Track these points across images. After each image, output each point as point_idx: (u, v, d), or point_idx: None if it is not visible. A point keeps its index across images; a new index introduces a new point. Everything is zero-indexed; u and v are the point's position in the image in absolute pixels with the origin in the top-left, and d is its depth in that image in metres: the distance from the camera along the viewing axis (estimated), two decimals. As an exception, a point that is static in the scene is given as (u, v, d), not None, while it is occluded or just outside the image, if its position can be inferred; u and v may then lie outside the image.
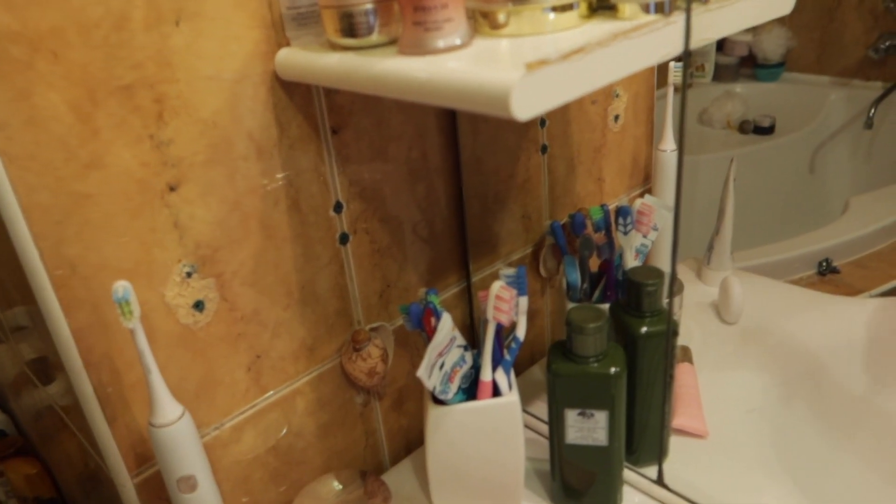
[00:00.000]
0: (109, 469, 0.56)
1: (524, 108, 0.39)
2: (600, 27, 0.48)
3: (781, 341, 0.88)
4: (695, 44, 0.49)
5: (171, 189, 0.53)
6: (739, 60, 2.57)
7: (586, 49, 0.42)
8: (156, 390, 0.50)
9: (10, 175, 0.45)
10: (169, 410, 0.50)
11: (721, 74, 2.55)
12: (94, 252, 0.50)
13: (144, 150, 0.50)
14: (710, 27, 0.52)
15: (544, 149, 0.82)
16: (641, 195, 1.01)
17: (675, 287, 0.64)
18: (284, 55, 0.55)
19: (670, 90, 0.89)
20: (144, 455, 0.56)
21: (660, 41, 0.47)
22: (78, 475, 0.82)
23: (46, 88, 0.45)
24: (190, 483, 0.52)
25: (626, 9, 0.49)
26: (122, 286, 0.46)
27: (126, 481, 0.56)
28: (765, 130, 2.27)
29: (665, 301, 0.65)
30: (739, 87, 2.51)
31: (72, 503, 0.97)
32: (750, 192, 0.96)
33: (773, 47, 2.47)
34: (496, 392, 0.63)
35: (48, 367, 0.65)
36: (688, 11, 0.48)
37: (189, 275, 0.55)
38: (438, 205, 0.73)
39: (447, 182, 0.73)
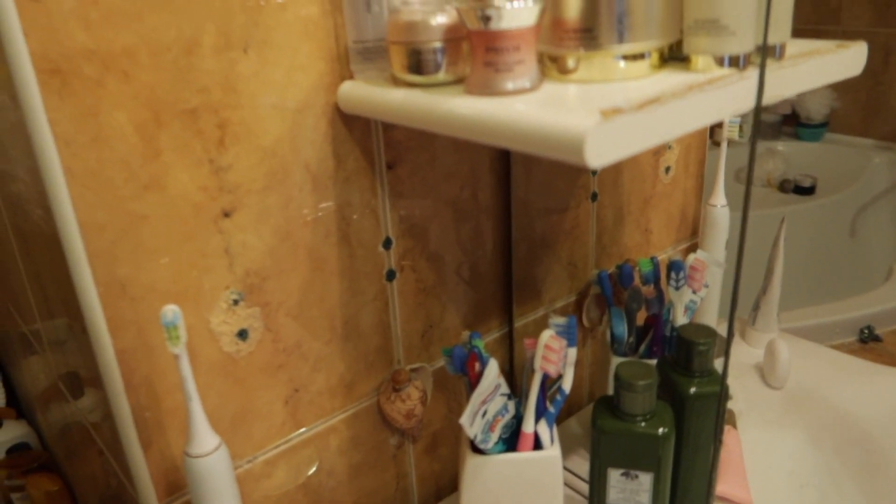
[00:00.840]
0: (138, 495, 0.54)
1: (597, 156, 0.38)
2: (671, 78, 0.47)
3: (829, 410, 0.84)
4: (767, 100, 0.48)
5: (226, 215, 0.52)
6: (782, 118, 2.55)
7: (661, 100, 0.41)
8: (195, 419, 0.49)
9: (71, 192, 0.45)
10: (206, 440, 0.49)
11: (762, 132, 2.53)
12: (145, 273, 0.49)
13: (203, 174, 0.50)
14: (783, 84, 0.51)
15: (594, 196, 0.81)
16: (688, 249, 0.99)
17: (727, 348, 0.62)
18: (348, 88, 0.55)
19: (724, 145, 0.87)
20: (176, 484, 0.55)
21: (733, 96, 0.46)
22: (100, 496, 0.81)
23: (114, 107, 0.45)
24: (220, 517, 0.51)
25: (700, 61, 0.48)
26: (171, 310, 0.45)
27: (154, 510, 0.55)
28: (805, 190, 2.24)
29: (717, 362, 0.63)
30: (781, 146, 2.49)
31: (90, 524, 0.95)
32: (788, 253, 0.94)
33: (816, 107, 2.45)
34: (537, 444, 0.60)
35: (81, 382, 0.64)
36: (762, 67, 0.47)
37: (236, 302, 0.54)
38: (484, 246, 0.71)
39: (495, 224, 0.72)
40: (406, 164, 0.62)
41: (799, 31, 0.53)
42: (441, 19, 0.48)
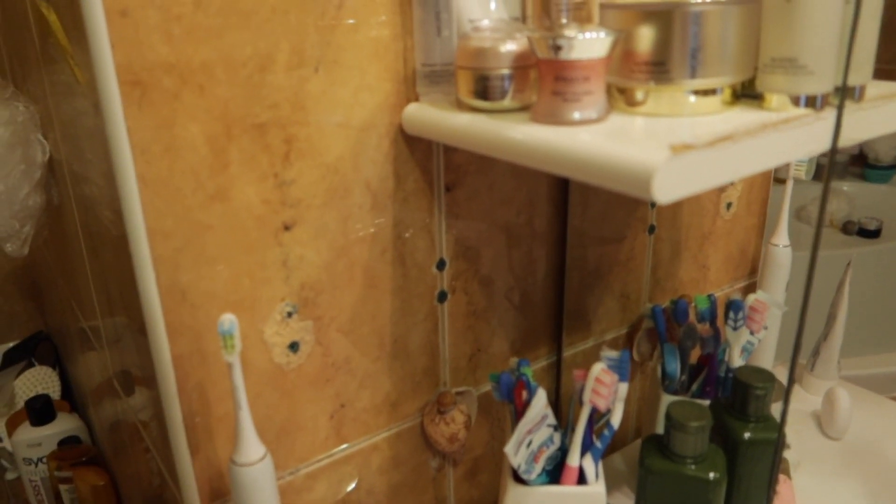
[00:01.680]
0: (183, 499, 0.55)
1: (666, 192, 0.38)
2: (743, 116, 0.46)
3: (890, 465, 0.80)
4: (843, 143, 0.46)
5: (286, 228, 0.53)
6: (849, 158, 2.47)
7: (734, 137, 0.41)
8: (243, 427, 0.49)
9: (142, 198, 0.46)
10: (253, 450, 0.49)
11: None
12: (206, 281, 0.50)
13: (267, 187, 0.51)
14: (861, 127, 0.50)
15: (651, 229, 0.80)
16: (746, 289, 0.96)
17: (787, 395, 0.60)
18: (413, 109, 0.55)
19: (789, 183, 0.85)
20: (220, 490, 0.56)
21: (808, 136, 0.45)
22: (143, 494, 0.83)
23: (188, 120, 0.47)
24: (261, 528, 0.51)
25: (774, 99, 0.47)
26: (228, 319, 0.46)
27: (197, 514, 0.55)
28: (870, 234, 2.16)
29: (775, 407, 0.61)
30: (847, 186, 2.41)
31: (132, 521, 0.97)
32: (851, 297, 0.90)
33: (886, 149, 2.36)
34: (581, 479, 0.59)
35: (134, 381, 0.66)
36: (840, 109, 0.45)
37: (290, 315, 0.55)
38: (536, 273, 0.71)
39: (548, 251, 0.71)
40: (464, 187, 0.62)
41: (882, 72, 0.52)
42: (510, 46, 0.48)
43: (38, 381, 1.21)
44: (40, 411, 1.05)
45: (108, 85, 0.43)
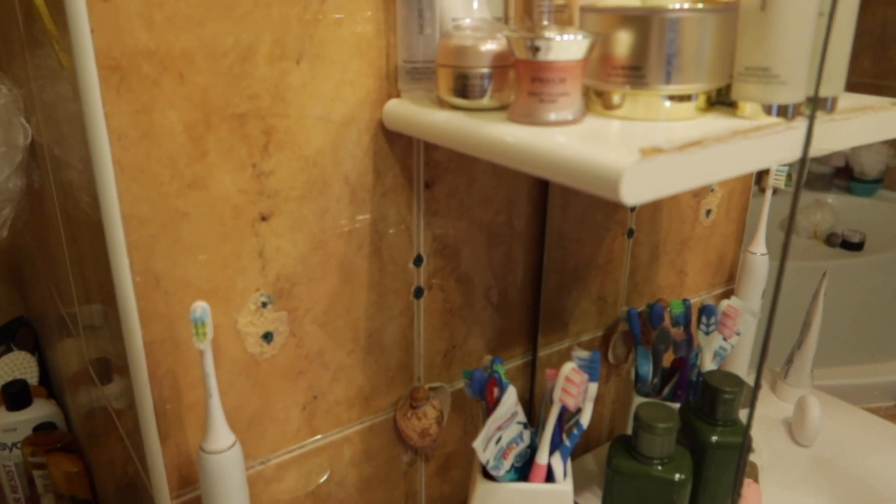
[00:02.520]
0: (152, 486, 0.55)
1: (633, 194, 0.38)
2: (716, 122, 0.47)
3: (857, 474, 0.82)
4: (814, 152, 0.47)
5: (263, 219, 0.53)
6: (834, 171, 2.49)
7: (704, 143, 0.41)
8: (213, 415, 0.49)
9: (118, 183, 0.46)
10: (222, 438, 0.50)
11: (813, 183, 2.48)
12: (180, 269, 0.51)
13: (245, 177, 0.52)
14: (832, 137, 0.50)
15: (630, 233, 0.81)
16: (723, 295, 0.97)
17: (753, 398, 0.60)
18: (394, 105, 0.55)
19: (769, 192, 0.86)
20: (189, 478, 0.56)
21: (779, 145, 0.46)
22: (116, 481, 0.82)
23: (167, 107, 0.47)
24: (228, 516, 0.51)
25: (747, 107, 0.47)
26: (200, 306, 0.46)
27: (165, 500, 0.55)
28: (854, 246, 2.18)
29: (743, 413, 0.62)
30: (831, 198, 2.43)
31: (104, 509, 0.97)
32: (830, 308, 0.92)
33: (871, 163, 2.39)
34: (549, 477, 0.60)
35: (109, 369, 0.66)
36: (811, 119, 0.46)
37: (264, 305, 0.55)
38: (514, 273, 0.71)
39: (527, 251, 0.72)
40: (444, 184, 0.62)
41: (856, 86, 0.52)
42: (490, 46, 0.49)
43: (17, 366, 1.21)
44: (17, 396, 1.05)
45: (87, 69, 0.43)
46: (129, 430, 0.61)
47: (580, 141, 0.42)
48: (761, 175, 0.94)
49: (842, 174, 2.47)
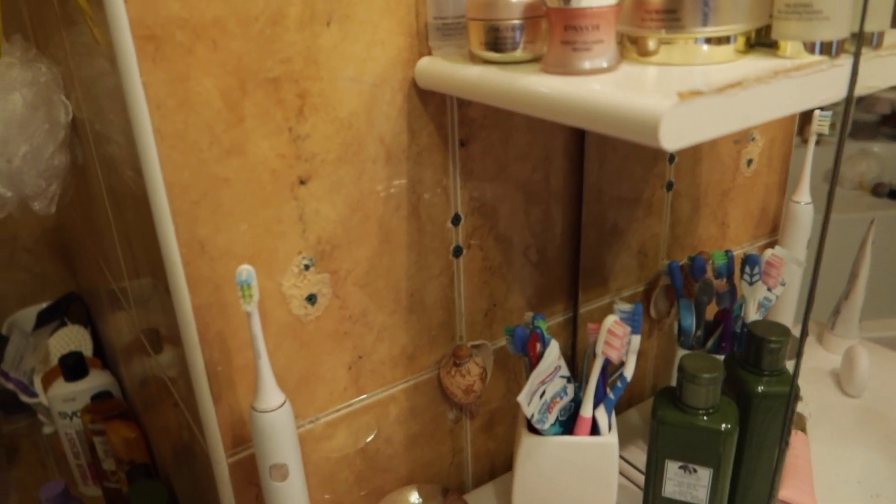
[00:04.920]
0: (207, 445, 0.57)
1: (673, 139, 0.37)
2: (757, 63, 0.45)
3: (909, 424, 0.80)
4: (860, 90, 0.45)
5: (302, 182, 0.54)
6: (880, 118, 2.40)
7: (744, 84, 0.40)
8: (262, 375, 0.51)
9: (159, 152, 0.47)
10: (272, 397, 0.51)
11: (858, 132, 2.39)
12: (223, 234, 0.52)
13: (282, 141, 0.52)
14: (879, 75, 0.49)
15: (670, 185, 0.79)
16: (766, 247, 0.95)
17: (800, 346, 0.60)
18: (426, 63, 0.55)
19: (812, 139, 0.84)
20: (242, 437, 0.58)
21: (823, 84, 0.44)
22: (173, 446, 0.86)
23: (202, 74, 0.47)
24: (282, 472, 0.53)
25: (789, 46, 0.46)
26: (245, 270, 0.47)
27: (221, 460, 0.57)
28: (901, 195, 2.11)
29: (788, 361, 0.61)
30: (877, 147, 2.35)
31: (163, 472, 1.01)
32: (878, 260, 0.89)
33: (921, 107, 2.29)
34: (594, 430, 0.60)
35: (161, 338, 0.68)
36: (856, 55, 0.45)
37: (307, 267, 0.56)
38: (553, 230, 0.71)
39: (565, 208, 0.71)
40: (479, 141, 0.62)
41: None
42: (521, -4, 0.48)
43: (71, 339, 1.26)
44: (73, 367, 1.09)
45: (123, 40, 0.44)
46: (183, 394, 0.63)
47: (616, 88, 0.42)
48: (803, 126, 0.91)
49: (888, 122, 2.38)
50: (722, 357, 0.66)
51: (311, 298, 0.57)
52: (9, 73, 0.65)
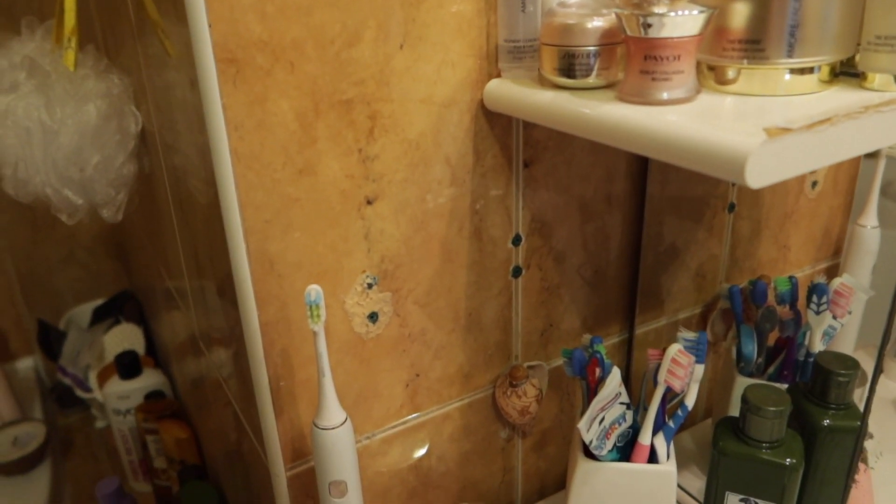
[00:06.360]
0: (267, 458, 0.58)
1: (759, 177, 0.37)
2: (841, 95, 0.44)
3: (976, 459, 0.77)
4: (950, 124, 0.44)
5: (369, 202, 0.54)
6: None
7: (833, 120, 0.39)
8: (325, 393, 0.51)
9: (235, 172, 0.48)
10: (334, 414, 0.52)
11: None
12: (292, 253, 0.52)
13: (352, 162, 0.52)
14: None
15: (731, 207, 0.78)
16: (827, 270, 0.93)
17: (873, 382, 0.58)
18: (495, 86, 0.55)
19: (882, 162, 0.81)
20: (301, 451, 0.58)
21: (912, 118, 0.43)
22: (225, 449, 0.87)
23: (279, 96, 0.48)
24: (340, 488, 0.53)
25: (877, 78, 0.45)
26: (315, 290, 0.48)
27: (280, 472, 0.58)
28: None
29: (857, 395, 0.59)
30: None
31: (213, 474, 1.03)
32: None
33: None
34: (652, 457, 0.59)
35: (220, 343, 0.69)
36: (948, 89, 0.43)
37: (370, 286, 0.57)
38: (610, 250, 0.70)
39: (624, 227, 0.70)
40: (542, 163, 0.62)
41: None
42: (597, 23, 0.48)
43: (125, 337, 1.29)
44: (128, 366, 1.12)
45: (206, 63, 0.45)
46: (243, 404, 0.64)
47: (697, 121, 0.41)
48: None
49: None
50: (784, 386, 0.65)
51: (373, 316, 0.58)
52: (84, 84, 0.67)
